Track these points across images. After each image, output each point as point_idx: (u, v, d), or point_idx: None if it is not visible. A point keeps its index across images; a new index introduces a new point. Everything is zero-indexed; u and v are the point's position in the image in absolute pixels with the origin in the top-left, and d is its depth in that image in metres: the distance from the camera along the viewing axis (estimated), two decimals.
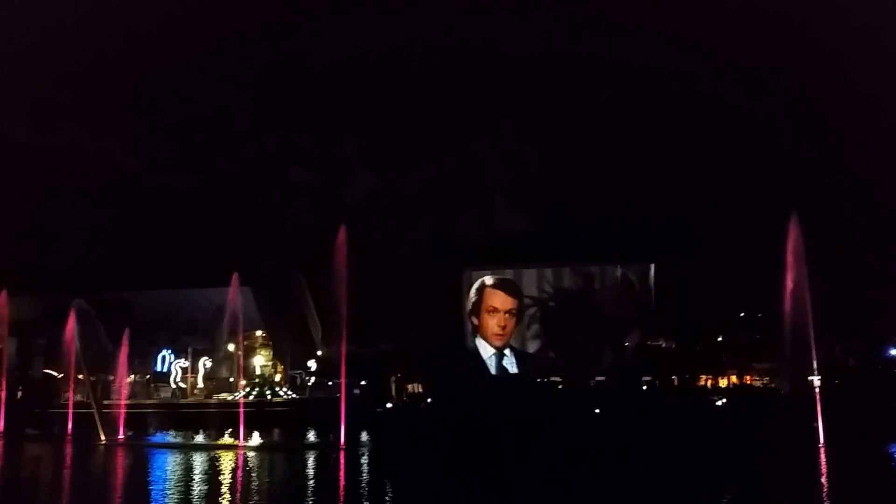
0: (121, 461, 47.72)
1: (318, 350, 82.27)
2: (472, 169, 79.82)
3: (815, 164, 76.63)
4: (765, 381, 73.47)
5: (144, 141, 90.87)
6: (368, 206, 77.31)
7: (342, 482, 37.35)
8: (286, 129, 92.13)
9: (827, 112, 76.91)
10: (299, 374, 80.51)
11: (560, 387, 70.07)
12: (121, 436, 57.63)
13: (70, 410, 62.15)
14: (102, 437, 55.57)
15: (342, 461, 43.28)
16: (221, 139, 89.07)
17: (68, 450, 52.79)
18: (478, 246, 77.08)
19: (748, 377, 75.15)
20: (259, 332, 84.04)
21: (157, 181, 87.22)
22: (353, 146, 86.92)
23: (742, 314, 78.52)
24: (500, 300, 78.78)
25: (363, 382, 71.03)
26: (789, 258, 46.13)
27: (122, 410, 60.20)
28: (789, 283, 45.79)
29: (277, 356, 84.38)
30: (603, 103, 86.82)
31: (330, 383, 70.71)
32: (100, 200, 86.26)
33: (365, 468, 41.87)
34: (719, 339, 77.86)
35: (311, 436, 56.44)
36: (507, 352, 78.51)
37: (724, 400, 64.26)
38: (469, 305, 79.09)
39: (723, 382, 74.77)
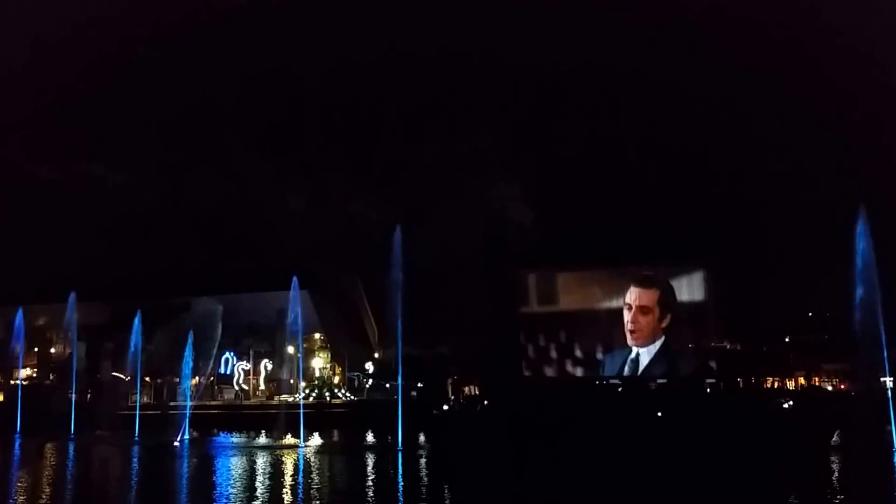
0: (188, 461, 48.85)
1: (375, 352, 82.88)
2: (522, 168, 78.69)
3: (884, 156, 73.47)
4: (835, 383, 70.93)
5: (210, 146, 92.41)
6: (424, 207, 77.08)
7: (400, 484, 37.46)
8: (337, 135, 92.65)
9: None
10: (357, 375, 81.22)
11: (619, 389, 68.76)
12: (186, 436, 59.12)
13: (137, 412, 63.96)
14: (169, 438, 57.08)
15: (400, 463, 43.43)
16: (278, 145, 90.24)
17: (136, 450, 54.28)
18: (533, 246, 76.19)
19: (817, 379, 72.57)
20: (317, 335, 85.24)
21: (218, 188, 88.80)
22: (404, 148, 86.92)
23: (810, 313, 75.92)
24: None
25: (420, 384, 71.15)
26: (858, 254, 44.39)
27: (188, 412, 61.82)
28: (859, 280, 44.09)
29: (335, 358, 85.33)
30: (657, 101, 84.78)
31: (387, 385, 71.16)
32: (164, 207, 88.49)
33: (423, 470, 41.92)
34: (786, 339, 75.41)
35: (370, 437, 56.85)
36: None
37: (791, 402, 62.23)
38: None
39: (790, 384, 72.42)
